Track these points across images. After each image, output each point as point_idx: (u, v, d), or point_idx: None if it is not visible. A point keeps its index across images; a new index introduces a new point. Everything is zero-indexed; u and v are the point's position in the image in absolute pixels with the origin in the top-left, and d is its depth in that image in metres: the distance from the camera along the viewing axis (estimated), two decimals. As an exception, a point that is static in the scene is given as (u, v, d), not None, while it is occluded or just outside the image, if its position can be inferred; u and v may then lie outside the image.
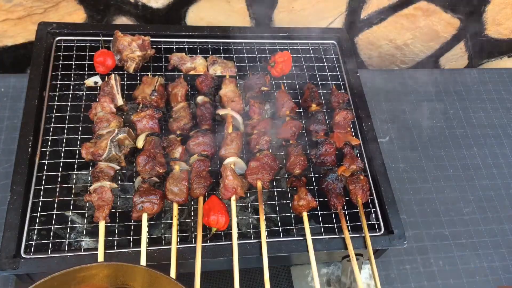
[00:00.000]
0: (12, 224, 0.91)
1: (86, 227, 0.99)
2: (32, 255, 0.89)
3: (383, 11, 1.55)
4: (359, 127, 1.17)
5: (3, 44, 1.40)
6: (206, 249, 0.93)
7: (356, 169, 1.08)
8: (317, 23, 1.54)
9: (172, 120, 1.10)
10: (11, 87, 1.28)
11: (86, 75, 1.15)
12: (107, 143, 0.99)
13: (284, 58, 1.22)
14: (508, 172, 1.36)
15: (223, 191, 0.99)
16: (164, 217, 1.05)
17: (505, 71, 1.61)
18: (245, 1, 1.42)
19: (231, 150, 1.05)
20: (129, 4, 1.36)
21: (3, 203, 1.03)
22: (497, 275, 1.17)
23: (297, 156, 1.07)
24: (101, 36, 1.19)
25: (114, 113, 1.07)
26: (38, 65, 1.10)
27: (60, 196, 0.98)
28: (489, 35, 1.72)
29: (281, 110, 1.16)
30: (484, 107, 1.51)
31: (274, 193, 1.07)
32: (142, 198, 0.95)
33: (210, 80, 1.15)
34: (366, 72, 1.58)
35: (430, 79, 1.54)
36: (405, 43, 1.69)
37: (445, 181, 1.32)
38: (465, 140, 1.42)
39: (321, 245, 0.98)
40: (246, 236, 1.04)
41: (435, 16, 1.59)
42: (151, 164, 0.99)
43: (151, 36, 1.19)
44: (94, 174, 0.98)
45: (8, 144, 1.18)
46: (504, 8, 1.61)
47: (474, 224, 1.25)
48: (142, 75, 1.16)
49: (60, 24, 1.18)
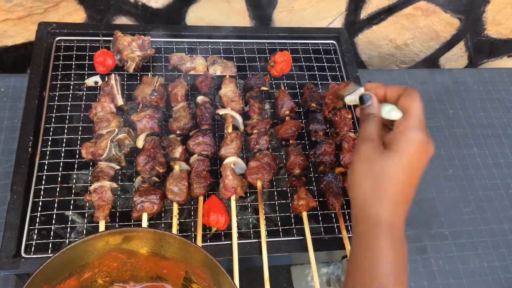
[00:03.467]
0: (12, 224, 0.91)
1: (86, 227, 0.99)
2: (33, 255, 0.89)
3: (383, 11, 1.55)
4: (359, 127, 1.17)
5: (3, 44, 1.40)
6: (206, 249, 0.90)
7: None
8: (317, 23, 1.54)
9: (172, 120, 1.10)
10: (11, 87, 1.28)
11: (86, 75, 1.15)
12: (107, 143, 0.99)
13: (284, 58, 1.22)
14: (508, 172, 1.36)
15: (223, 190, 0.99)
16: (164, 217, 1.04)
17: (505, 71, 1.61)
18: (245, 1, 1.42)
19: (231, 150, 1.05)
20: (129, 4, 1.37)
21: (3, 203, 1.03)
22: (497, 275, 1.17)
23: (297, 156, 1.07)
24: (101, 36, 1.19)
25: (114, 113, 1.07)
26: (38, 65, 1.10)
27: (60, 196, 0.98)
28: (489, 35, 1.72)
29: (281, 110, 1.16)
30: (484, 107, 1.51)
31: (274, 193, 1.07)
32: (142, 197, 0.95)
33: (210, 80, 1.16)
34: (366, 72, 1.58)
35: (430, 79, 1.54)
36: (405, 43, 1.69)
37: (445, 181, 1.32)
38: (465, 140, 1.42)
39: (321, 245, 0.98)
40: (246, 236, 1.04)
41: (435, 16, 1.59)
42: (151, 164, 0.99)
43: (151, 36, 1.19)
44: (94, 174, 0.98)
45: (8, 144, 1.18)
46: (504, 8, 1.61)
47: (474, 224, 1.25)
48: (142, 75, 1.16)
49: (60, 24, 1.19)
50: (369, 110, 0.70)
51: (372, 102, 0.71)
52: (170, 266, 0.74)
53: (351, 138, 1.11)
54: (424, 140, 0.64)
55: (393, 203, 0.64)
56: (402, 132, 0.65)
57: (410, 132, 0.64)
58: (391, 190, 0.64)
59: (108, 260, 0.72)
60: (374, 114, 0.70)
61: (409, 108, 0.66)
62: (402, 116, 0.67)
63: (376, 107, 0.70)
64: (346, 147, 1.10)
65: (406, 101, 0.67)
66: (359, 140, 0.69)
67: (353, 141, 1.11)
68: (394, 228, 0.64)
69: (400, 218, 0.65)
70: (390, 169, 0.63)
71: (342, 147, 1.10)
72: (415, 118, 0.65)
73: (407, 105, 0.66)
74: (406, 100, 0.67)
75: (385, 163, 0.64)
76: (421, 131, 0.64)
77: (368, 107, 0.71)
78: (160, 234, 0.70)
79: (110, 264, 0.73)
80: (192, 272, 0.73)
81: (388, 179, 0.63)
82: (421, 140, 0.64)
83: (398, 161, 0.63)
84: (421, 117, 0.65)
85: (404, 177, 0.64)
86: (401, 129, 0.65)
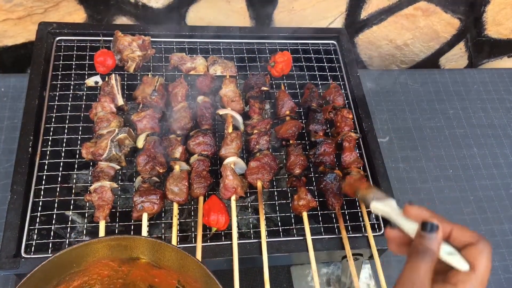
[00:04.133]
0: (12, 224, 0.91)
1: (86, 227, 0.99)
2: (33, 255, 0.89)
3: (383, 11, 1.55)
4: (359, 127, 1.17)
5: (3, 44, 1.40)
6: (206, 249, 0.93)
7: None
8: (317, 23, 1.54)
9: (172, 120, 1.10)
10: (11, 87, 1.28)
11: (87, 75, 1.15)
12: (107, 143, 0.99)
13: (284, 58, 1.22)
14: (508, 172, 1.37)
15: (223, 191, 0.99)
16: (164, 217, 1.05)
17: (505, 71, 1.61)
18: (245, 1, 1.42)
19: (231, 150, 1.05)
20: (129, 4, 1.37)
21: (3, 203, 1.03)
22: (497, 275, 1.18)
23: (297, 156, 1.07)
24: (101, 36, 1.19)
25: (114, 113, 1.07)
26: (39, 65, 1.10)
27: (61, 196, 0.98)
28: (489, 35, 1.72)
29: (281, 110, 1.16)
30: (484, 107, 1.51)
31: (274, 193, 1.07)
32: (142, 197, 0.95)
33: (210, 80, 1.16)
34: (366, 72, 1.58)
35: (430, 79, 1.55)
36: (405, 43, 1.69)
37: (445, 181, 1.32)
38: (465, 140, 1.42)
39: (321, 245, 0.98)
40: (246, 236, 1.04)
41: (435, 16, 1.59)
42: (151, 164, 1.00)
43: (151, 36, 1.19)
44: (94, 174, 0.98)
45: (8, 144, 1.18)
46: (504, 8, 1.61)
47: (474, 224, 1.25)
48: (142, 75, 1.16)
49: (60, 24, 1.19)
50: (430, 242, 0.55)
51: (437, 235, 0.56)
52: (162, 275, 0.73)
53: (352, 138, 1.11)
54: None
55: None
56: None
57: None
58: None
59: (99, 267, 0.71)
60: (434, 251, 0.55)
61: (476, 264, 0.54)
62: (468, 269, 0.54)
63: (439, 243, 0.56)
64: (347, 146, 1.10)
65: (475, 254, 0.55)
66: (405, 281, 0.55)
67: (354, 140, 1.11)
68: None
69: None
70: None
71: (343, 146, 1.10)
72: (479, 280, 0.54)
73: (475, 259, 0.54)
74: (475, 254, 0.55)
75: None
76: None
77: (431, 238, 0.56)
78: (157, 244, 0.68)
79: (101, 272, 0.72)
80: (184, 281, 0.71)
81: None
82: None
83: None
84: (485, 280, 0.54)
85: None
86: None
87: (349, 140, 1.11)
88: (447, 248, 0.57)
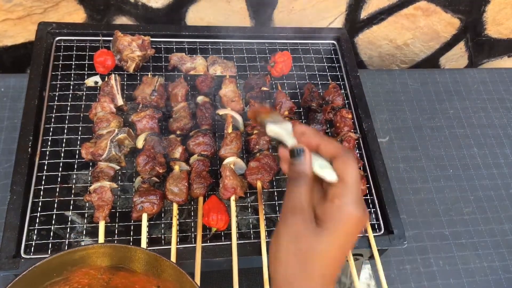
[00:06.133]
0: (12, 224, 0.91)
1: (86, 227, 0.99)
2: (32, 255, 0.89)
3: (383, 11, 1.55)
4: (359, 127, 1.17)
5: (3, 44, 1.40)
6: (206, 249, 0.93)
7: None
8: (317, 23, 1.54)
9: (172, 120, 1.10)
10: (11, 87, 1.28)
11: (86, 75, 1.15)
12: (107, 143, 0.99)
13: (284, 58, 1.22)
14: (508, 172, 1.36)
15: (222, 191, 0.99)
16: (164, 217, 1.05)
17: (505, 71, 1.61)
18: (245, 1, 1.42)
19: (230, 150, 1.05)
20: (129, 4, 1.36)
21: (3, 203, 1.03)
22: (497, 275, 1.17)
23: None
24: (101, 36, 1.19)
25: (114, 113, 1.07)
26: (38, 65, 1.10)
27: (60, 196, 0.98)
28: (489, 35, 1.72)
29: (279, 110, 1.16)
30: (484, 107, 1.51)
31: (274, 193, 1.07)
32: (142, 198, 0.95)
33: (210, 80, 1.16)
34: (366, 72, 1.58)
35: (430, 79, 1.54)
36: (405, 43, 1.69)
37: (445, 181, 1.32)
38: (465, 140, 1.42)
39: (321, 245, 0.98)
40: (246, 236, 1.04)
41: (435, 16, 1.59)
42: (151, 164, 0.99)
43: (151, 36, 1.19)
44: (94, 174, 0.98)
45: (8, 144, 1.18)
46: (504, 8, 1.61)
47: (474, 224, 1.25)
48: (142, 75, 1.16)
49: (60, 24, 1.18)
50: (300, 167, 0.59)
51: (304, 158, 0.59)
52: (141, 282, 0.71)
53: (352, 138, 1.11)
54: (361, 216, 0.56)
55: (322, 285, 0.56)
56: (338, 208, 0.56)
57: (348, 207, 0.56)
58: (322, 271, 0.56)
59: (79, 276, 0.69)
60: (305, 173, 0.58)
61: (344, 175, 0.57)
62: (337, 180, 0.57)
63: (308, 165, 0.59)
64: (346, 146, 1.10)
65: (341, 166, 0.58)
66: (286, 209, 0.58)
67: (353, 141, 1.11)
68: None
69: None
70: (323, 249, 0.55)
71: None
72: (352, 190, 0.56)
73: (342, 171, 0.57)
74: (341, 166, 0.58)
75: (318, 242, 0.55)
76: (358, 206, 0.56)
77: (300, 163, 0.59)
78: (126, 248, 0.66)
79: (81, 280, 0.70)
80: (164, 286, 0.70)
81: (319, 259, 0.56)
82: (358, 217, 0.56)
83: (333, 241, 0.56)
84: (357, 188, 0.57)
85: (338, 256, 0.57)
86: (338, 204, 0.56)
87: (349, 140, 1.11)
88: (320, 162, 0.59)
